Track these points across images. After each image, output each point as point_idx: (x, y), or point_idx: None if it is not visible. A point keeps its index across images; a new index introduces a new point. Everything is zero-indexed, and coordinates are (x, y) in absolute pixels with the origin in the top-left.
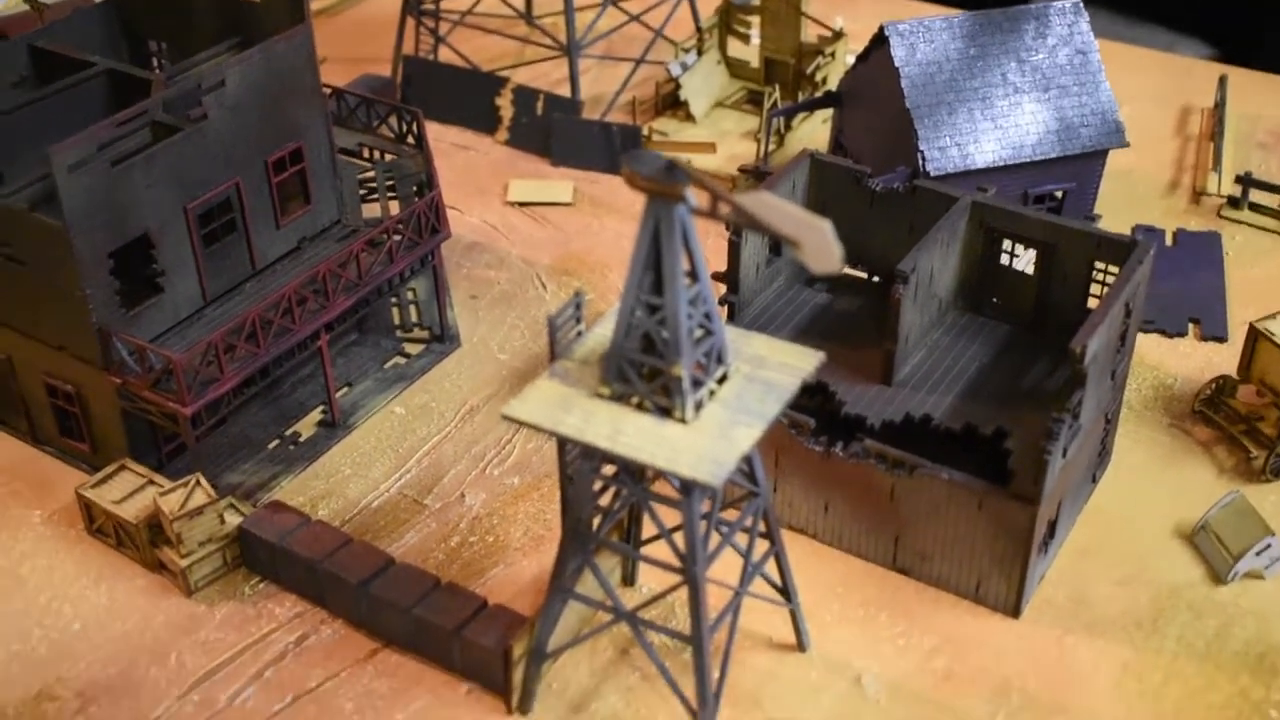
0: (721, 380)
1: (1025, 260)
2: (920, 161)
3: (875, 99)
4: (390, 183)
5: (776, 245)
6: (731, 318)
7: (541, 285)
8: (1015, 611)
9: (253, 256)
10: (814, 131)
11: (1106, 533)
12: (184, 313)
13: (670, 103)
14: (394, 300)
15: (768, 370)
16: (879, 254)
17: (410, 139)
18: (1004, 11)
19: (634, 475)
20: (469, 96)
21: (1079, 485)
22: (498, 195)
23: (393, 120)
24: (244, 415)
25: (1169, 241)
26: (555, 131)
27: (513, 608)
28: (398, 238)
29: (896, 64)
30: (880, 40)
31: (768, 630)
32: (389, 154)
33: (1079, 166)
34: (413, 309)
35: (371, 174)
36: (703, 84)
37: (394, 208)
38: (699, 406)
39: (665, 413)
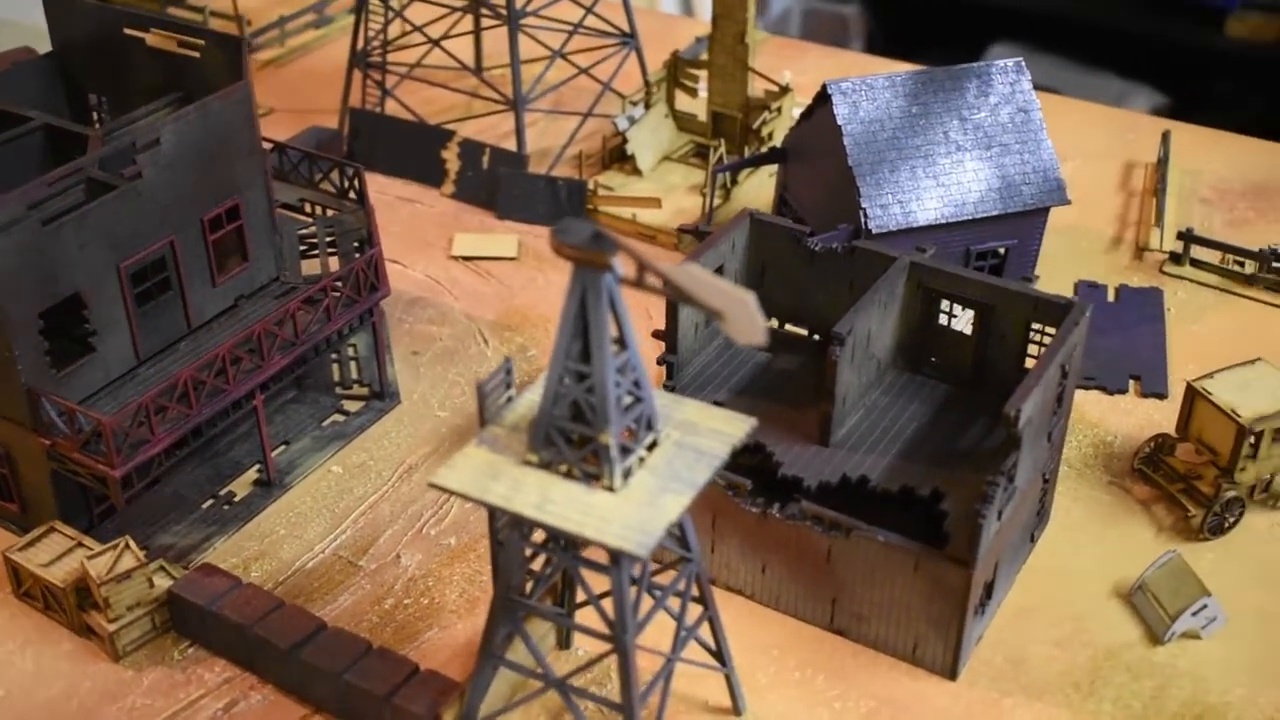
0: (651, 447)
1: (963, 320)
2: (863, 219)
3: (818, 156)
4: (331, 239)
5: None
6: (670, 376)
7: (484, 341)
8: (952, 674)
9: (188, 315)
10: (760, 186)
11: (1044, 593)
12: (116, 372)
13: (617, 156)
14: (334, 357)
15: (698, 437)
16: (819, 313)
17: (352, 194)
18: (947, 70)
19: (562, 542)
20: (415, 149)
21: (1016, 546)
22: (442, 249)
23: (335, 175)
24: (178, 474)
25: (1111, 297)
26: (501, 185)
27: (445, 672)
28: (336, 295)
29: (839, 122)
30: (823, 98)
31: (703, 694)
32: (330, 209)
33: (1020, 224)
34: (353, 365)
35: (312, 230)
36: (650, 138)
37: (334, 264)
38: (628, 474)
39: (593, 480)
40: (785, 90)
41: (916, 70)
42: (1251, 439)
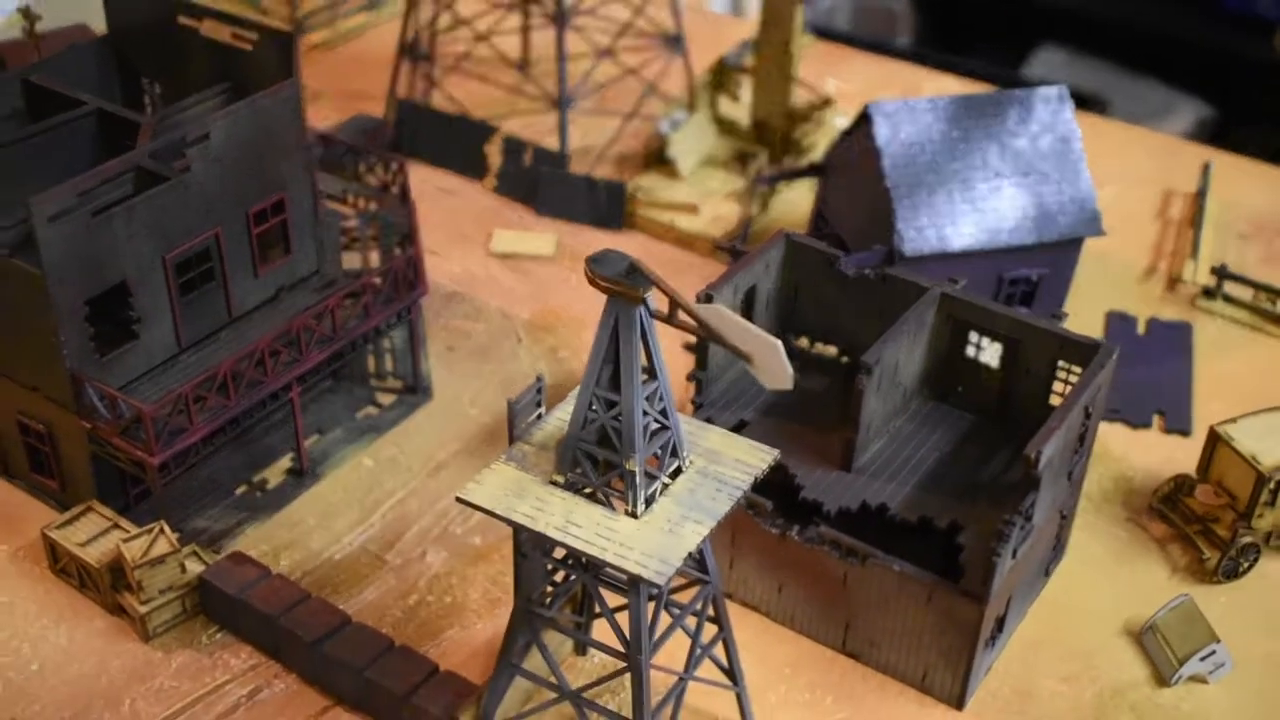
0: (675, 474)
1: (991, 353)
2: (897, 241)
3: (857, 175)
4: (373, 234)
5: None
6: (699, 392)
7: (518, 339)
8: (959, 704)
9: (230, 305)
10: (799, 198)
11: (1055, 627)
12: (158, 359)
13: (658, 158)
14: (370, 349)
15: (722, 466)
16: (849, 335)
17: (395, 189)
18: (989, 95)
19: (584, 560)
20: (459, 142)
21: (1030, 580)
22: (481, 243)
23: (379, 169)
24: (214, 459)
25: (1141, 329)
26: (541, 183)
27: (464, 673)
28: (375, 292)
29: (878, 143)
30: (864, 118)
31: (713, 710)
32: (374, 202)
33: (1055, 253)
34: (388, 358)
35: (355, 224)
36: (691, 142)
37: (374, 258)
38: (650, 500)
39: (617, 504)
40: (827, 102)
41: (958, 95)
42: (1271, 487)
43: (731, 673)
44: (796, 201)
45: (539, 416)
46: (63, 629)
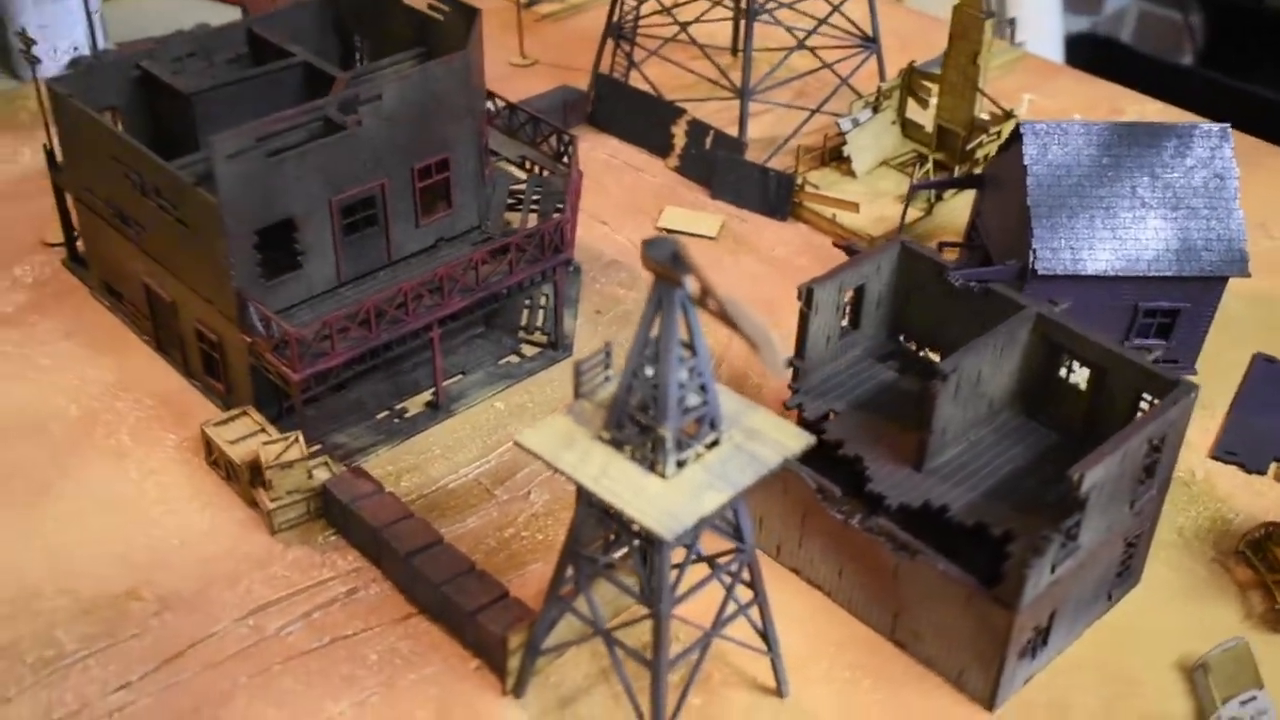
0: (713, 445)
1: (1081, 377)
2: (1031, 258)
3: (1007, 190)
4: (537, 197)
5: (855, 319)
6: (795, 379)
7: None
8: (990, 705)
9: (389, 249)
10: (965, 205)
11: (1109, 651)
12: (319, 289)
13: (836, 155)
14: (526, 303)
15: (758, 444)
16: (953, 342)
17: (564, 160)
18: (1147, 126)
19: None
20: (649, 120)
21: (1086, 601)
22: (652, 218)
23: (553, 140)
24: (366, 383)
25: None
26: (718, 167)
27: (535, 604)
28: (521, 252)
29: (1025, 161)
30: (1016, 136)
31: (753, 672)
32: (546, 170)
33: (1196, 288)
34: (540, 313)
35: (523, 187)
36: (871, 142)
37: (534, 220)
38: (682, 465)
39: (651, 466)
40: (1009, 115)
41: (1115, 123)
42: None
43: (766, 637)
44: (963, 210)
45: (606, 379)
46: (206, 514)
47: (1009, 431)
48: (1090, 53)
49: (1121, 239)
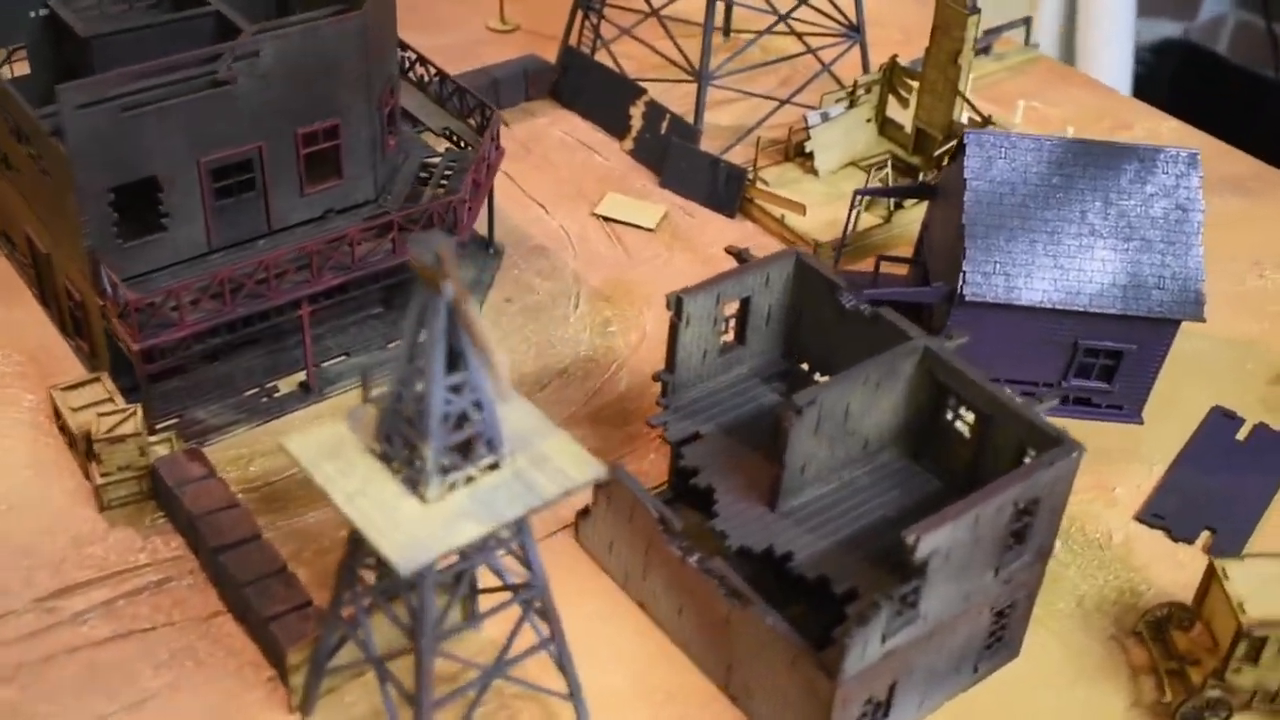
0: (493, 467)
1: (967, 422)
2: (960, 283)
3: (952, 204)
4: (449, 173)
5: (741, 334)
6: (664, 394)
7: (574, 306)
8: None
9: (270, 217)
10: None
11: None
12: (186, 254)
13: (801, 150)
14: None
15: (540, 472)
16: (842, 366)
17: (487, 136)
18: (1106, 144)
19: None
20: (610, 99)
21: (940, 673)
22: (593, 202)
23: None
24: (241, 357)
25: (1242, 434)
26: (670, 154)
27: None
28: (406, 230)
29: (965, 175)
30: (962, 146)
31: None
32: (470, 145)
33: (1144, 329)
34: None
35: (435, 160)
36: (840, 139)
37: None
38: (453, 488)
39: (414, 486)
40: (987, 121)
41: (1072, 139)
42: (1250, 642)
43: (567, 680)
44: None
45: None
46: (41, 482)
47: (888, 474)
48: (1177, 60)
49: (1064, 268)
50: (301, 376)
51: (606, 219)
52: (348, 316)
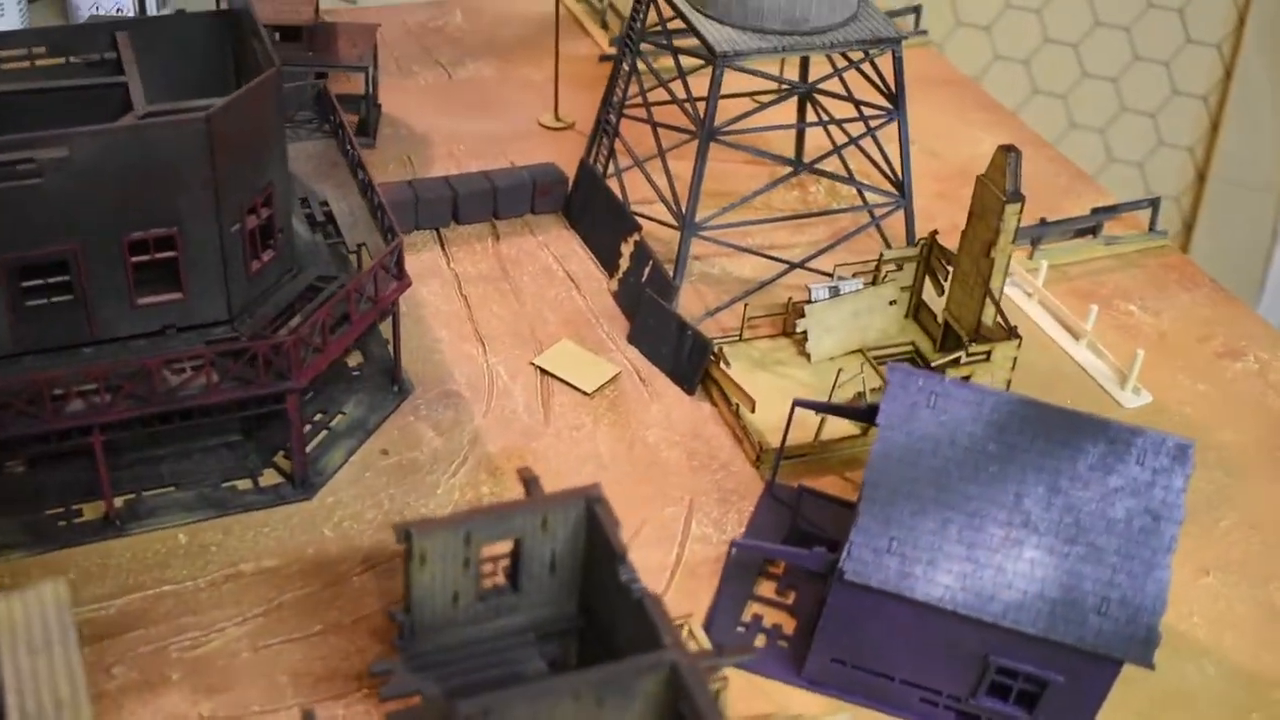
0: None
1: None
2: (844, 555)
3: None
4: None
5: (514, 580)
6: (400, 636)
7: (452, 474)
8: None
9: (91, 324)
10: None
11: None
12: None
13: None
14: (316, 417)
15: None
16: (620, 649)
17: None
18: (1071, 414)
19: None
20: (607, 228)
21: None
22: (540, 348)
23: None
24: (65, 469)
25: None
26: (641, 307)
27: None
28: (220, 368)
29: (880, 421)
30: None
31: None
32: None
33: (1075, 661)
34: (322, 434)
35: (323, 282)
36: (846, 321)
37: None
38: None
39: None
40: (1011, 334)
41: (1034, 400)
42: None
43: None
44: None
45: None
46: None
47: None
48: None
49: (978, 563)
50: (118, 501)
51: (544, 371)
52: (197, 440)
